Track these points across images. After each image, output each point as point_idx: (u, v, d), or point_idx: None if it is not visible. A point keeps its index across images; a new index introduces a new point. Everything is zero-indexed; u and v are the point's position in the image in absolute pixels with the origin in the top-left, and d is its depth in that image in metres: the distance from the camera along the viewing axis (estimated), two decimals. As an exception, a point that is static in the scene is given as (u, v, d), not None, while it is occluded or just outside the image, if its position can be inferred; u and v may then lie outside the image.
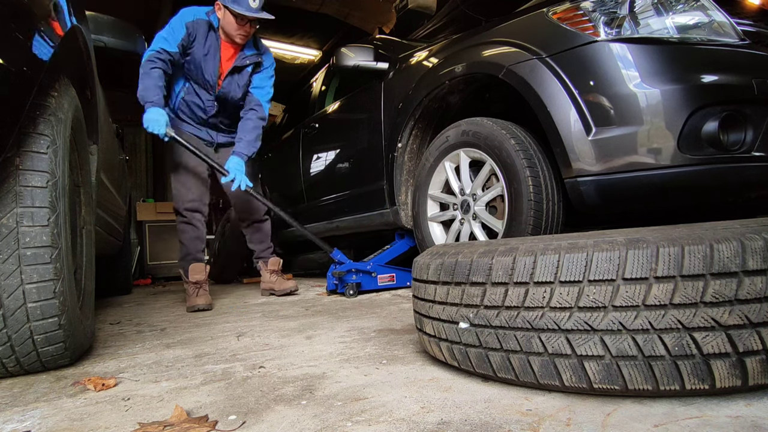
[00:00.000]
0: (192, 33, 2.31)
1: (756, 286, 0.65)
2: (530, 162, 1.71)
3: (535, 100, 1.65)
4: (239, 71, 2.49)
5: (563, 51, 1.59)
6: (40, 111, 1.08)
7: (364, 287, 2.50)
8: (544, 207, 1.69)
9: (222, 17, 2.32)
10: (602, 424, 0.66)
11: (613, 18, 1.54)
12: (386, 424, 0.72)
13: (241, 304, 2.51)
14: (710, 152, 1.43)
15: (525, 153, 1.72)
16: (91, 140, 1.70)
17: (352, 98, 2.95)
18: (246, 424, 0.75)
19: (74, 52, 1.40)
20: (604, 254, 0.71)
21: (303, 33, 6.39)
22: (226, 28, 2.34)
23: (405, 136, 2.36)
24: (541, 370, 0.76)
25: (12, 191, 1.01)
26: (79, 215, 1.48)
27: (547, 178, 1.71)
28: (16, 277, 1.01)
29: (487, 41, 1.91)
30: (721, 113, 1.42)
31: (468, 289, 0.85)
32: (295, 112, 4.23)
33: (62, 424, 0.80)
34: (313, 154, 3.34)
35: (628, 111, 1.46)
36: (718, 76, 1.45)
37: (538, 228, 1.69)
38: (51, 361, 1.14)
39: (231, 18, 2.29)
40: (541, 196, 1.69)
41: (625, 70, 1.47)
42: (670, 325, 0.67)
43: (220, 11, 2.32)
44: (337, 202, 3.02)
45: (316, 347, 1.30)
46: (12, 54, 0.88)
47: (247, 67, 2.49)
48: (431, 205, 2.18)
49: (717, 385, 0.67)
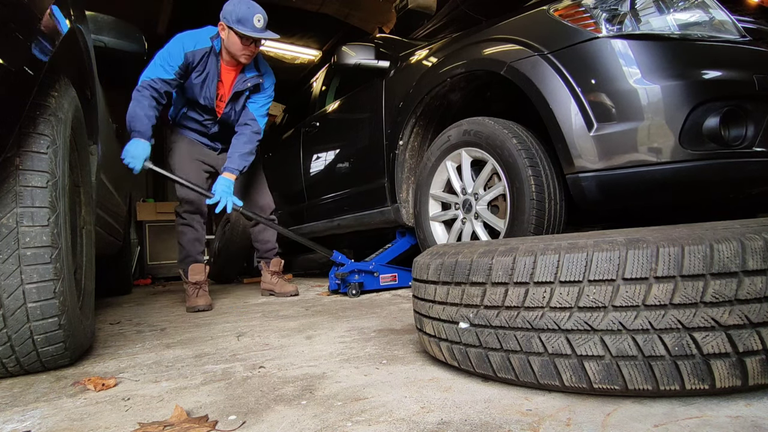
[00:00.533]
0: (191, 62, 2.25)
1: (756, 286, 0.65)
2: (532, 161, 1.71)
3: (536, 96, 1.65)
4: (239, 97, 2.44)
5: (565, 47, 1.60)
6: (40, 111, 1.08)
7: (366, 287, 2.50)
8: (546, 206, 1.69)
9: (226, 37, 2.25)
10: (602, 424, 0.66)
11: (614, 14, 1.54)
12: (386, 424, 0.72)
13: (241, 304, 2.51)
14: (711, 147, 1.43)
15: (527, 152, 1.72)
16: (91, 140, 1.71)
17: (353, 97, 2.95)
18: (246, 424, 0.75)
19: (74, 52, 1.40)
20: (604, 254, 0.71)
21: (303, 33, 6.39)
22: (230, 48, 2.27)
23: (406, 133, 2.36)
24: (541, 370, 0.76)
25: (12, 191, 1.01)
26: (79, 215, 1.48)
27: (548, 176, 1.71)
28: (16, 277, 1.01)
29: (489, 39, 1.91)
30: (723, 109, 1.42)
31: (468, 289, 0.85)
32: (296, 112, 4.23)
33: (62, 424, 0.80)
34: (314, 153, 3.34)
35: (629, 107, 1.46)
36: (720, 72, 1.45)
37: (540, 227, 1.69)
38: (51, 361, 1.14)
39: (236, 38, 2.22)
40: (543, 195, 1.69)
41: (626, 66, 1.48)
42: (670, 325, 0.67)
43: (224, 32, 2.25)
44: (338, 201, 3.02)
45: (316, 347, 1.30)
46: (12, 54, 0.88)
47: (246, 90, 2.43)
48: (433, 205, 2.18)
49: (717, 385, 0.67)
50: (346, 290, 2.47)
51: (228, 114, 2.46)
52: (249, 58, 2.32)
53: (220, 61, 2.34)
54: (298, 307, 2.21)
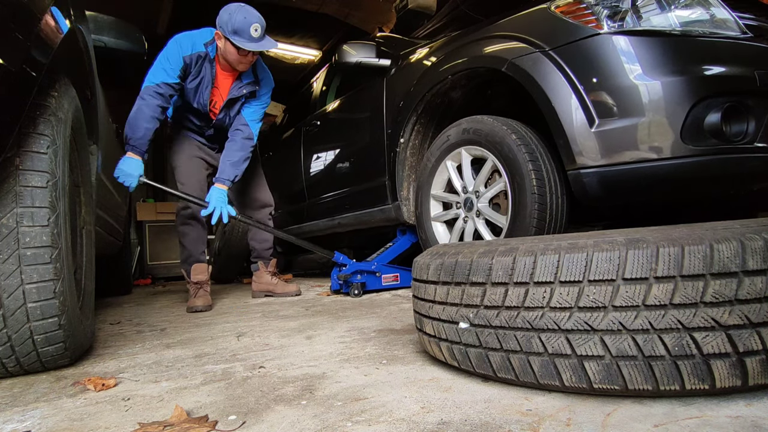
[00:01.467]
0: (189, 65, 2.21)
1: (756, 286, 0.65)
2: (532, 156, 1.71)
3: (538, 92, 1.65)
4: (233, 103, 2.40)
5: (566, 44, 1.60)
6: (40, 111, 1.08)
7: (369, 287, 2.50)
8: (547, 200, 1.69)
9: (222, 46, 2.20)
10: (602, 424, 0.66)
11: (615, 11, 1.54)
12: (386, 424, 0.72)
13: (241, 304, 2.51)
14: (713, 143, 1.43)
15: (527, 147, 1.72)
16: (91, 140, 1.71)
17: (354, 95, 2.95)
18: (246, 424, 0.75)
19: (74, 52, 1.40)
20: (604, 254, 0.71)
21: (303, 33, 6.38)
22: (227, 57, 2.22)
23: (407, 131, 2.36)
24: (541, 370, 0.76)
25: (12, 191, 1.01)
26: (79, 215, 1.48)
27: (549, 171, 1.71)
28: (16, 277, 1.01)
29: (490, 36, 1.91)
30: (724, 104, 1.42)
31: (468, 289, 0.85)
32: (296, 112, 4.23)
33: (62, 424, 0.80)
34: (315, 152, 3.34)
35: (631, 103, 1.47)
36: (721, 68, 1.45)
37: (543, 221, 1.69)
38: (51, 361, 1.14)
39: (232, 48, 2.17)
40: (545, 189, 1.69)
41: (628, 62, 1.48)
42: (670, 325, 0.67)
43: (220, 41, 2.19)
44: (339, 199, 3.02)
45: (316, 347, 1.30)
46: (12, 54, 0.88)
47: (242, 97, 2.40)
48: (434, 205, 2.19)
49: (717, 385, 0.67)
50: (348, 290, 2.47)
51: (222, 120, 2.44)
52: (246, 67, 2.29)
53: (216, 67, 2.30)
54: (298, 307, 2.21)
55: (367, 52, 2.56)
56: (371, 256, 2.64)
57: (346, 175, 2.93)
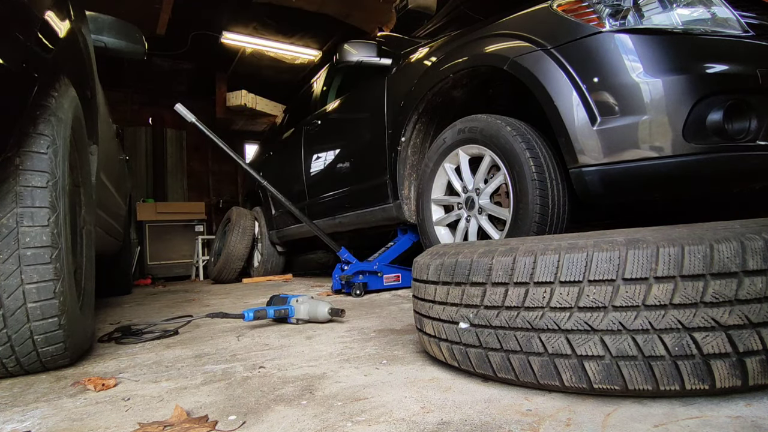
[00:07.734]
0: None
1: (756, 286, 0.65)
2: (529, 144, 1.72)
3: (539, 91, 1.65)
4: None
5: (568, 42, 1.60)
6: (40, 111, 1.08)
7: (370, 287, 2.50)
8: (548, 185, 1.69)
9: None
10: (602, 424, 0.66)
11: (617, 9, 1.54)
12: (386, 424, 0.72)
13: (242, 304, 2.51)
14: (715, 141, 1.43)
15: (522, 137, 1.74)
16: (91, 140, 1.70)
17: (355, 94, 2.95)
18: (246, 424, 0.75)
19: (74, 52, 1.40)
20: (604, 254, 0.71)
21: (303, 33, 6.38)
22: None
23: (408, 130, 2.36)
24: (541, 370, 0.76)
25: (12, 191, 1.01)
26: (79, 215, 1.48)
27: (548, 160, 1.71)
28: (16, 277, 1.01)
29: (491, 35, 1.91)
30: (726, 102, 1.42)
31: (468, 289, 0.85)
32: (296, 112, 4.23)
33: (62, 424, 0.80)
34: (315, 151, 3.34)
35: (633, 101, 1.46)
36: (723, 66, 1.45)
37: (546, 207, 1.68)
38: (51, 361, 1.14)
39: None
40: (545, 175, 1.69)
41: (629, 60, 1.48)
42: (670, 325, 0.67)
43: None
44: (340, 198, 3.02)
45: (316, 347, 1.30)
46: (12, 54, 0.88)
47: None
48: (436, 210, 2.19)
49: (717, 385, 0.67)
50: (350, 291, 2.47)
51: None
52: None
53: None
54: (299, 306, 2.21)
55: (368, 51, 2.56)
56: (372, 256, 2.64)
57: (347, 174, 2.93)
